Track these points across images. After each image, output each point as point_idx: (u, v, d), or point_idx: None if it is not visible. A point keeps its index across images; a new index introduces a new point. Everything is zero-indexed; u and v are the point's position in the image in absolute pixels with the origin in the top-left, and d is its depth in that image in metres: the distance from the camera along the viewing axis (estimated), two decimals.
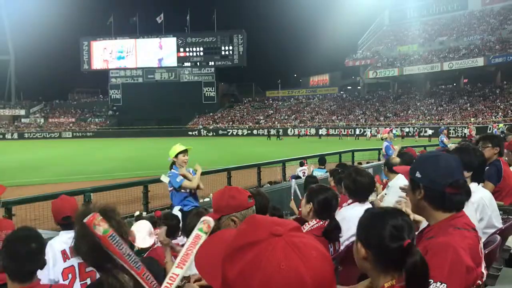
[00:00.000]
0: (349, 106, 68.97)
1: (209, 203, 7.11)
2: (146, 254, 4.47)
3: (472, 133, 26.26)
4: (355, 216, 3.39)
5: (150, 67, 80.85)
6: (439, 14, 70.03)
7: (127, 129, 70.37)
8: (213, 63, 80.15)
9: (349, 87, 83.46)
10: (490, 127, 39.64)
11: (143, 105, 75.65)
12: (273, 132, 58.55)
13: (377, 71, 64.52)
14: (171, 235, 4.37)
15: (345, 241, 3.20)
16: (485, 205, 2.93)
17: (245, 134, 65.89)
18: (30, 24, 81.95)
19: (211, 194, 9.10)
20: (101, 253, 1.92)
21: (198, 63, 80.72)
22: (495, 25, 60.28)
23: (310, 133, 59.12)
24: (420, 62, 60.95)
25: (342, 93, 78.69)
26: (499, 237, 2.66)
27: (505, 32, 56.96)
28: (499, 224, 2.98)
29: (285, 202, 7.17)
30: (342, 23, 75.22)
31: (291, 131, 62.07)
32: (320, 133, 57.21)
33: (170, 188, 6.00)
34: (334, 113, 67.38)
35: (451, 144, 12.37)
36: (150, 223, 4.44)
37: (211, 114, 77.39)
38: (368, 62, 68.18)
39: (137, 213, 8.12)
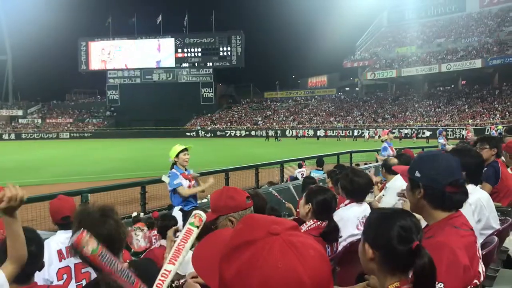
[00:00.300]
0: (347, 107, 69.03)
1: (207, 204, 7.09)
2: (143, 255, 4.47)
3: (469, 134, 26.23)
4: (352, 216, 3.42)
5: (148, 67, 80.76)
6: (437, 16, 70.20)
7: (124, 130, 70.25)
8: (211, 64, 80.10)
9: (347, 89, 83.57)
10: (488, 129, 39.71)
11: (141, 106, 75.54)
12: (271, 133, 58.55)
13: (375, 73, 64.60)
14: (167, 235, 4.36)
15: (342, 242, 3.19)
16: (483, 206, 2.93)
17: (243, 135, 65.85)
18: (27, 24, 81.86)
19: (209, 195, 9.09)
20: None
21: (196, 64, 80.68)
22: (493, 27, 60.45)
23: (308, 134, 59.15)
24: (418, 63, 61.07)
25: (340, 94, 78.77)
26: (496, 238, 2.66)
27: (503, 34, 57.13)
28: (497, 225, 2.98)
29: (283, 203, 7.15)
30: (340, 25, 75.38)
31: (289, 132, 62.07)
32: (318, 134, 57.26)
33: (170, 188, 5.99)
34: (332, 115, 67.42)
35: (449, 145, 12.38)
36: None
37: (209, 115, 77.34)
38: (366, 63, 68.26)
39: (134, 214, 8.10)
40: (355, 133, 53.71)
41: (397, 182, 5.04)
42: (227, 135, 66.69)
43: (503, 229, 3.01)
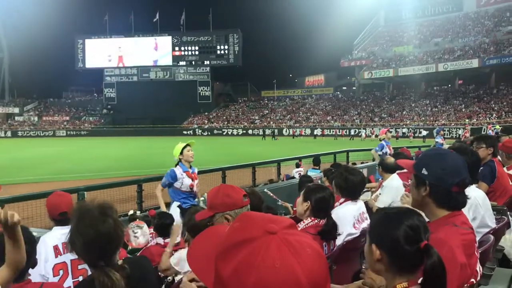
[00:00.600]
0: (344, 106, 69.10)
1: (204, 201, 7.09)
2: (139, 253, 4.46)
3: (466, 134, 26.32)
4: (349, 215, 3.42)
5: (145, 65, 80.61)
6: (435, 15, 70.32)
7: (121, 128, 70.11)
8: (208, 62, 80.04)
9: (344, 88, 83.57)
10: (484, 128, 39.81)
11: (138, 104, 75.42)
12: (268, 132, 58.56)
13: (372, 72, 64.70)
14: (165, 233, 4.36)
15: (340, 240, 3.19)
16: (478, 204, 2.93)
17: (240, 133, 65.87)
18: (24, 21, 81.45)
19: (206, 193, 9.08)
20: (95, 250, 1.91)
21: (193, 62, 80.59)
22: (490, 26, 60.61)
23: (305, 133, 59.17)
24: (415, 63, 61.22)
25: (337, 93, 78.83)
26: (492, 237, 2.66)
27: (500, 33, 57.29)
28: (493, 224, 2.98)
29: (278, 203, 7.15)
30: (337, 24, 75.35)
31: (286, 131, 62.11)
32: (315, 133, 57.29)
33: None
34: (329, 114, 67.49)
35: (446, 145, 12.41)
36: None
37: (206, 113, 77.29)
38: (363, 62, 68.37)
39: (131, 212, 8.07)
40: (352, 132, 53.76)
41: (394, 181, 5.07)
42: (224, 133, 66.69)
43: (499, 228, 3.02)
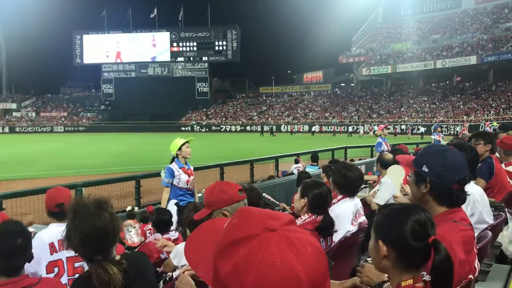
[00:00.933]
0: (342, 103, 69.09)
1: (201, 198, 7.10)
2: (137, 249, 4.46)
3: (464, 131, 26.28)
4: (348, 212, 3.42)
5: (143, 61, 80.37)
6: (433, 12, 70.26)
7: (119, 124, 69.94)
8: (206, 58, 79.84)
9: (343, 84, 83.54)
10: (482, 125, 39.85)
11: (136, 100, 75.25)
12: (266, 128, 58.51)
13: (371, 68, 64.69)
14: (163, 229, 4.36)
15: (338, 237, 3.19)
16: (476, 200, 2.94)
17: (238, 130, 65.82)
18: (22, 17, 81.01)
19: (203, 190, 9.07)
20: (91, 244, 1.91)
21: (191, 58, 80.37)
22: (488, 23, 60.60)
23: (303, 129, 59.20)
24: (413, 59, 61.23)
25: (335, 90, 78.80)
26: (490, 233, 2.67)
27: (498, 30, 57.28)
28: (491, 220, 2.99)
29: (278, 197, 7.17)
30: (336, 20, 75.19)
31: (284, 128, 62.10)
32: (313, 129, 57.27)
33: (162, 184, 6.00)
34: (327, 110, 67.47)
35: (443, 141, 12.42)
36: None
37: (204, 109, 77.18)
38: (361, 59, 68.34)
39: (129, 208, 8.07)
40: (350, 129, 53.79)
41: (392, 177, 5.06)
42: (222, 130, 66.63)
43: (496, 224, 3.02)
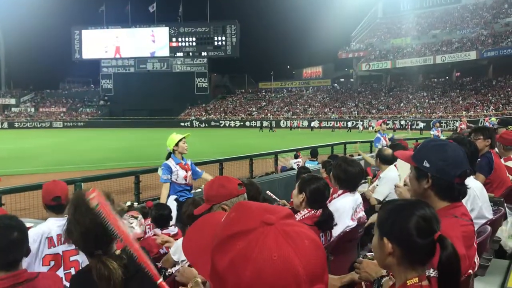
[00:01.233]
0: (342, 98, 69.04)
1: (201, 193, 7.10)
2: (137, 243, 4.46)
3: (462, 126, 26.26)
4: (348, 207, 3.42)
5: (142, 57, 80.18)
6: (433, 7, 70.08)
7: (118, 120, 69.90)
8: (205, 54, 79.64)
9: (342, 80, 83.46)
10: (481, 121, 39.87)
11: (135, 95, 75.15)
12: (265, 124, 58.48)
13: (370, 64, 64.60)
14: (163, 225, 4.36)
15: (337, 231, 3.19)
16: (476, 195, 2.93)
17: (237, 125, 65.77)
18: (20, 12, 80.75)
19: (203, 185, 9.07)
20: (91, 238, 1.90)
21: (190, 54, 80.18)
22: (488, 18, 60.46)
23: (302, 125, 59.16)
24: (413, 55, 61.15)
25: (335, 85, 78.73)
26: (489, 228, 2.67)
27: (498, 25, 57.15)
28: (490, 215, 2.99)
29: (277, 193, 7.16)
30: (335, 15, 74.99)
31: (284, 123, 62.07)
32: (312, 125, 57.28)
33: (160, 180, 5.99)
34: (326, 106, 67.44)
35: (443, 137, 12.43)
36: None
37: (204, 105, 77.10)
38: (361, 54, 68.21)
39: (128, 204, 8.08)
40: (350, 124, 53.78)
41: (391, 172, 5.06)
42: (222, 125, 66.59)
43: (495, 219, 3.03)
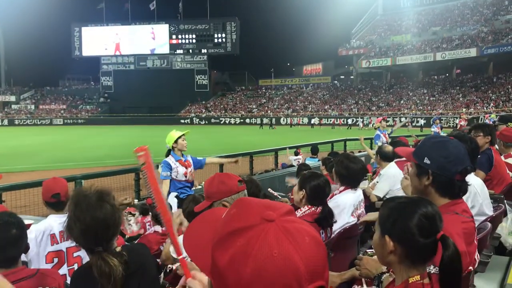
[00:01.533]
0: (342, 95, 68.99)
1: (201, 190, 7.11)
2: (137, 241, 4.46)
3: (461, 123, 26.23)
4: (348, 203, 3.42)
5: (142, 54, 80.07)
6: (433, 4, 69.93)
7: (118, 117, 69.86)
8: (205, 51, 79.52)
9: (342, 77, 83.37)
10: (482, 118, 39.83)
11: (135, 92, 75.09)
12: (265, 121, 58.46)
13: (370, 61, 64.50)
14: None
15: (337, 228, 3.19)
16: (477, 193, 2.93)
17: (237, 122, 65.76)
18: (20, 9, 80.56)
19: (203, 182, 9.06)
20: (92, 235, 1.90)
21: (190, 51, 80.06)
22: (488, 15, 60.35)
23: (302, 122, 59.15)
24: (413, 52, 61.03)
25: (335, 82, 78.66)
26: (489, 225, 2.67)
27: (498, 22, 57.05)
28: (490, 212, 2.99)
29: (277, 190, 7.16)
30: (335, 12, 74.84)
31: (284, 120, 62.06)
32: (312, 122, 57.26)
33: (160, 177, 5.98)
34: (326, 103, 67.40)
35: (443, 133, 12.42)
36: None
37: (204, 102, 77.05)
38: (361, 51, 68.07)
39: (128, 201, 8.08)
40: (350, 122, 53.75)
41: (391, 169, 5.07)
42: (222, 122, 66.57)
43: (496, 216, 3.03)
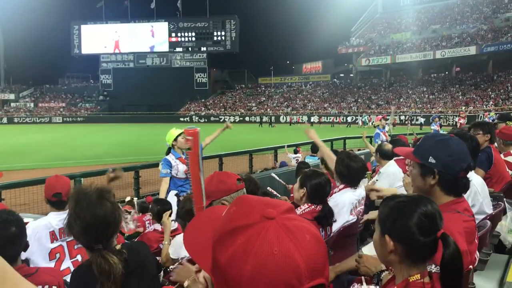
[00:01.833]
0: (342, 93, 68.96)
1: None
2: (137, 239, 4.46)
3: (460, 121, 26.27)
4: (348, 202, 3.41)
5: (141, 52, 79.97)
6: (433, 2, 69.87)
7: (118, 115, 69.86)
8: (205, 49, 79.44)
9: (342, 75, 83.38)
10: (481, 116, 39.85)
11: (134, 90, 75.01)
12: (265, 119, 58.43)
13: (370, 59, 64.46)
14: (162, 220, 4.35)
15: (336, 226, 3.19)
16: (477, 191, 2.93)
17: (237, 121, 65.70)
18: (19, 7, 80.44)
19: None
20: (92, 233, 1.90)
21: (190, 49, 79.98)
22: (488, 13, 60.32)
23: (302, 120, 59.13)
24: (412, 50, 61.01)
25: (334, 80, 78.62)
26: (489, 223, 2.67)
27: (498, 20, 57.03)
28: (490, 210, 2.99)
29: (276, 188, 7.15)
30: (335, 10, 74.85)
31: (283, 118, 62.04)
32: (312, 120, 57.25)
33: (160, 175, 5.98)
34: (326, 101, 67.38)
35: (442, 131, 12.42)
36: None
37: (203, 100, 77.00)
38: (361, 49, 68.05)
39: (128, 199, 8.07)
40: (349, 120, 53.73)
41: (391, 167, 5.06)
42: (221, 120, 66.45)
43: (495, 214, 3.03)
